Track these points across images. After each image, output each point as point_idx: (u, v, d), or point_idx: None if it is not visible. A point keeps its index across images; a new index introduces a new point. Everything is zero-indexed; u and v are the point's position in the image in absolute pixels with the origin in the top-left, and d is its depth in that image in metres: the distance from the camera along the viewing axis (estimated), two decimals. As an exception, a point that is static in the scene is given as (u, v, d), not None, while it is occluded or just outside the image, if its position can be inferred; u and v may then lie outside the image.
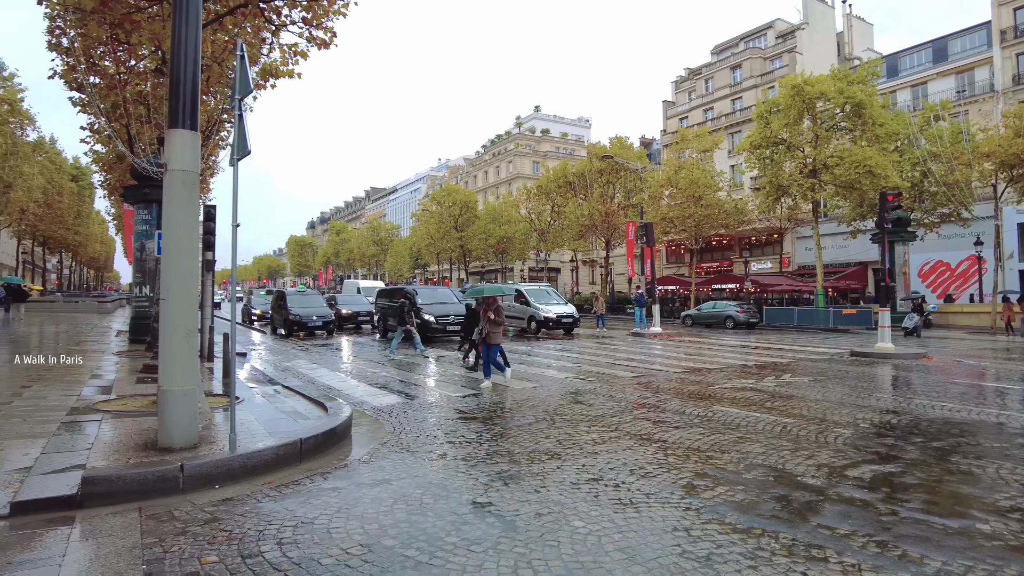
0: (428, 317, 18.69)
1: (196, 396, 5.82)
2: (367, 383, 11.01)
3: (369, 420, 7.83)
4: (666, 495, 4.77)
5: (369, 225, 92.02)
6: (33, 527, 4.10)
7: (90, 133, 21.68)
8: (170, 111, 5.89)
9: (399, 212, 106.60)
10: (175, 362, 5.64)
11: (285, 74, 12.22)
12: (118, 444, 5.82)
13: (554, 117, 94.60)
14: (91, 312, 36.66)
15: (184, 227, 5.76)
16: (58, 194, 50.10)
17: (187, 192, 5.79)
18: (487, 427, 7.28)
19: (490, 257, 60.89)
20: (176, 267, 5.71)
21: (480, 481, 5.09)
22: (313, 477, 5.28)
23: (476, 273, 68.91)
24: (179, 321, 5.66)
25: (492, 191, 75.14)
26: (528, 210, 52.18)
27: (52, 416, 7.11)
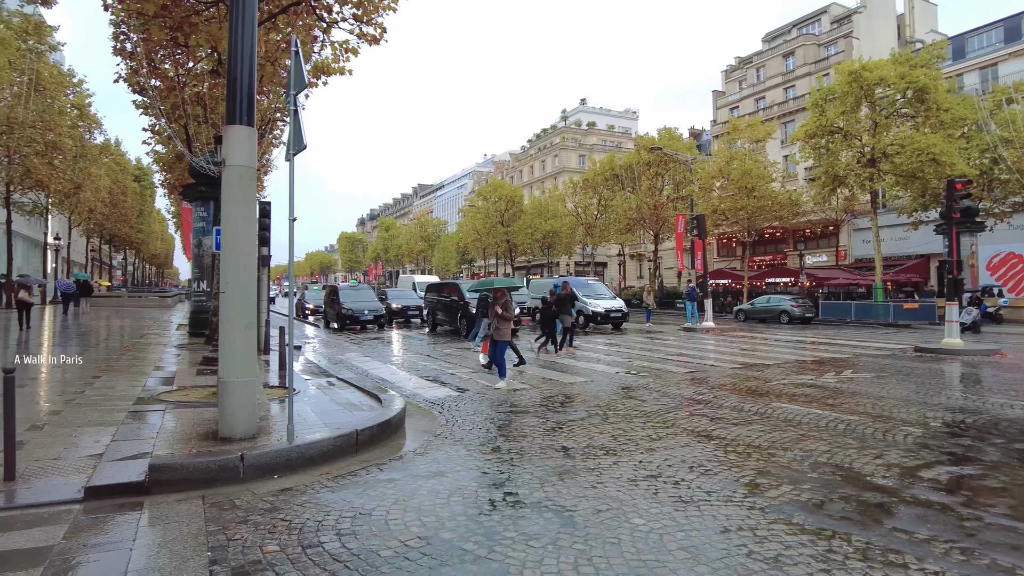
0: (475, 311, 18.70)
1: (255, 387, 5.93)
2: (418, 376, 11.09)
3: (422, 412, 7.86)
4: (728, 493, 4.61)
5: (417, 221, 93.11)
6: (105, 511, 4.23)
7: (151, 134, 22.46)
8: (227, 108, 6.00)
9: (446, 208, 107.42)
10: (235, 354, 5.76)
11: (337, 71, 12.36)
12: (181, 434, 5.98)
13: (600, 109, 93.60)
14: (153, 307, 38.17)
15: (242, 221, 5.87)
16: (122, 194, 52.24)
17: (244, 187, 5.89)
18: (540, 421, 7.21)
19: (536, 252, 60.80)
20: (235, 260, 5.82)
21: (535, 476, 5.03)
22: (369, 468, 5.31)
23: (522, 268, 68.91)
24: (238, 313, 5.77)
25: (538, 185, 74.94)
26: (574, 204, 51.82)
27: (120, 405, 7.38)
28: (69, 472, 4.80)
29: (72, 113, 33.58)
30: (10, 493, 4.41)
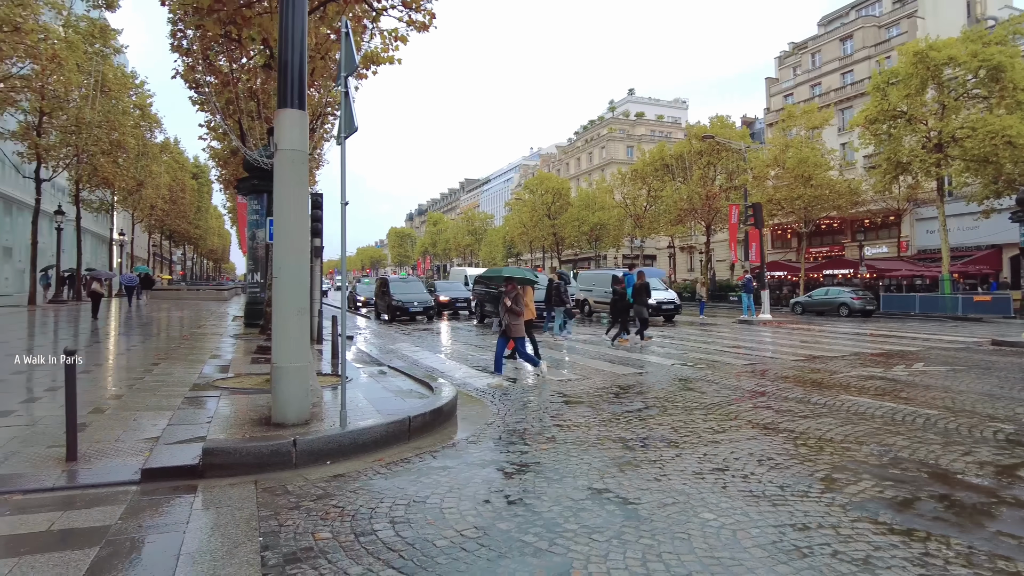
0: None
1: (308, 373, 5.88)
2: (468, 365, 10.98)
3: (473, 401, 7.72)
4: (803, 488, 4.29)
5: (464, 215, 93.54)
6: (161, 493, 4.22)
7: (207, 130, 23.10)
8: (279, 91, 5.95)
9: (492, 202, 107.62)
10: (288, 339, 5.71)
11: (386, 60, 12.33)
12: (234, 419, 5.99)
13: (649, 99, 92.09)
14: (210, 299, 39.35)
15: (294, 205, 5.81)
16: (181, 191, 54.07)
17: (296, 171, 5.83)
18: (595, 412, 6.97)
19: (583, 244, 60.26)
20: (287, 245, 5.77)
21: (594, 467, 4.80)
22: (422, 455, 5.18)
23: (569, 261, 68.46)
24: (291, 298, 5.73)
25: (585, 178, 74.22)
26: (623, 195, 51.05)
27: (177, 391, 7.48)
28: (127, 454, 4.82)
29: (135, 113, 34.80)
30: (72, 473, 4.44)
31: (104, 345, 12.93)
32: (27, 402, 6.60)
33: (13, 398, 6.85)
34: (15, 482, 4.27)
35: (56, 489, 4.21)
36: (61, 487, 4.24)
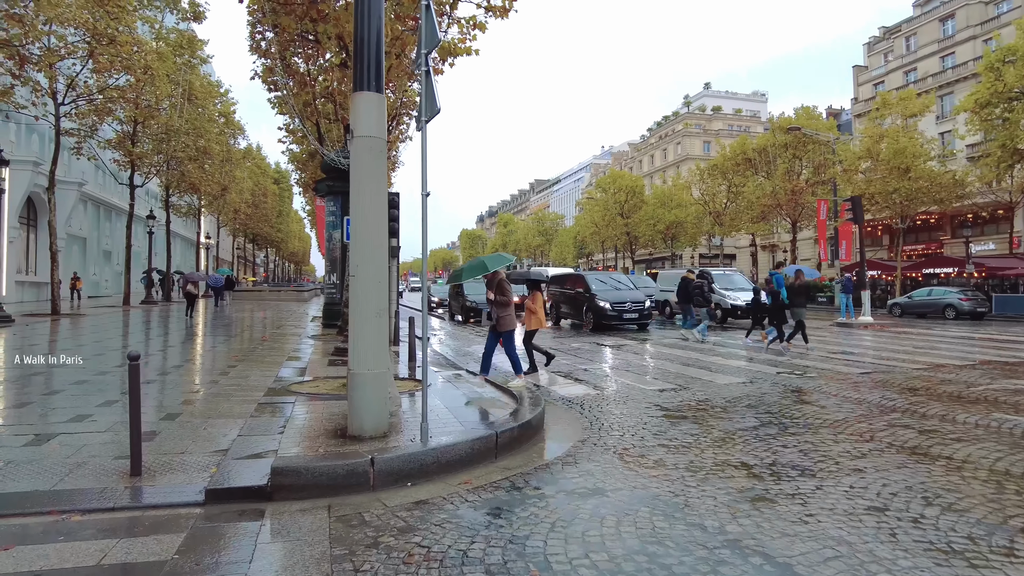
0: (603, 304, 17.70)
1: (387, 380, 5.37)
2: (550, 370, 10.30)
3: (560, 412, 7.04)
4: (1004, 543, 3.37)
5: (534, 216, 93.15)
6: (225, 519, 3.75)
7: (286, 133, 23.45)
8: (355, 74, 5.45)
9: (563, 202, 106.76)
10: (365, 343, 5.21)
11: (463, 51, 11.85)
12: (308, 429, 5.54)
13: (726, 93, 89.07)
14: (291, 300, 40.37)
15: (371, 197, 5.30)
16: (263, 195, 56.01)
17: (374, 160, 5.32)
18: (702, 428, 6.14)
19: (658, 243, 58.54)
20: (364, 241, 5.27)
21: (720, 501, 4.02)
22: (513, 479, 4.54)
23: (643, 261, 66.74)
24: (369, 299, 5.22)
25: (659, 175, 72.23)
26: (701, 192, 49.09)
27: (251, 396, 7.16)
28: (193, 469, 4.41)
29: (219, 121, 36.06)
30: (135, 491, 4.05)
31: (187, 346, 13.04)
32: (104, 405, 6.40)
33: (93, 400, 6.68)
34: (76, 499, 3.91)
35: (116, 509, 3.82)
36: (122, 507, 3.84)
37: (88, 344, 12.35)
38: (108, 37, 18.46)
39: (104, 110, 21.37)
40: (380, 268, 5.33)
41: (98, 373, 8.58)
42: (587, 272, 24.16)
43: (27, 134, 28.73)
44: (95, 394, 7.00)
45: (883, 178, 32.49)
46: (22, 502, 3.86)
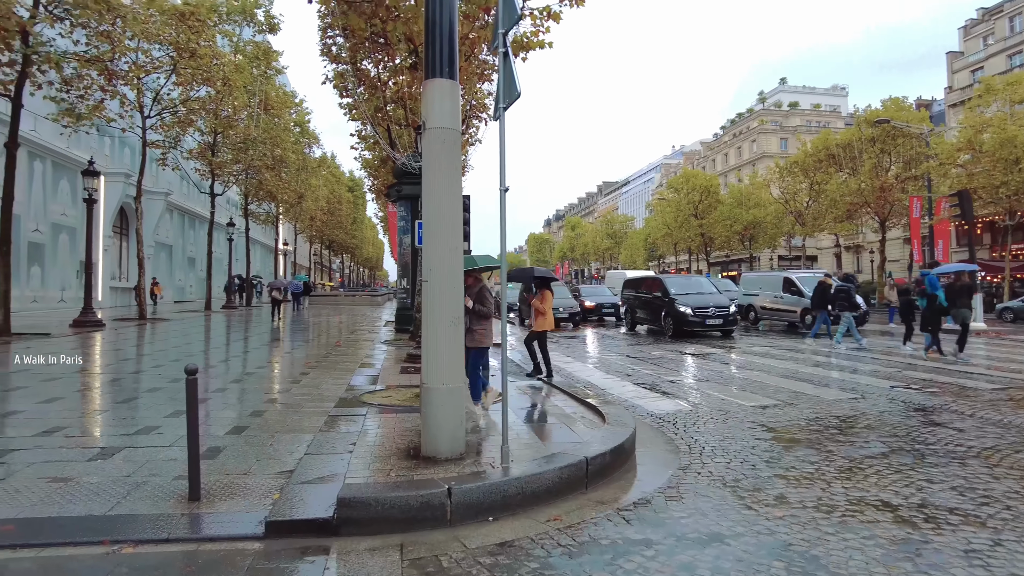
0: (684, 309, 16.75)
1: (463, 395, 4.85)
2: (632, 382, 9.58)
3: (651, 432, 6.34)
4: None
5: (603, 218, 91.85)
6: (286, 557, 3.30)
7: (358, 139, 23.62)
8: (426, 61, 4.98)
9: (632, 204, 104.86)
10: (439, 355, 4.71)
11: (536, 45, 11.34)
12: (379, 447, 5.09)
13: (803, 88, 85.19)
14: (365, 305, 40.97)
15: (445, 194, 4.80)
16: (338, 203, 57.37)
17: (447, 153, 4.82)
18: (823, 456, 5.31)
19: (735, 245, 56.27)
20: (438, 242, 4.77)
21: (870, 556, 3.25)
22: (611, 517, 3.91)
23: (719, 263, 64.45)
24: (443, 305, 4.72)
25: (736, 173, 69.64)
26: (781, 190, 46.76)
27: (322, 407, 6.83)
28: (255, 494, 4.02)
29: (295, 130, 37.00)
30: (193, 519, 3.68)
31: (263, 351, 13.05)
32: (173, 416, 6.18)
33: (163, 411, 6.49)
34: (130, 528, 3.56)
35: (171, 541, 3.44)
36: (176, 538, 3.46)
37: (167, 349, 12.53)
38: (189, 51, 19.00)
39: (186, 121, 22.09)
40: (454, 272, 4.83)
41: (172, 380, 8.49)
42: (665, 275, 23.19)
43: (119, 148, 30.23)
44: (166, 403, 6.83)
45: (987, 171, 29.80)
46: (75, 529, 3.54)
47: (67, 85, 14.93)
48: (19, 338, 13.57)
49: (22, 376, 8.67)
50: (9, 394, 7.28)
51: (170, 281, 37.33)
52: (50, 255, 24.39)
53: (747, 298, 22.46)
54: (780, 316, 20.59)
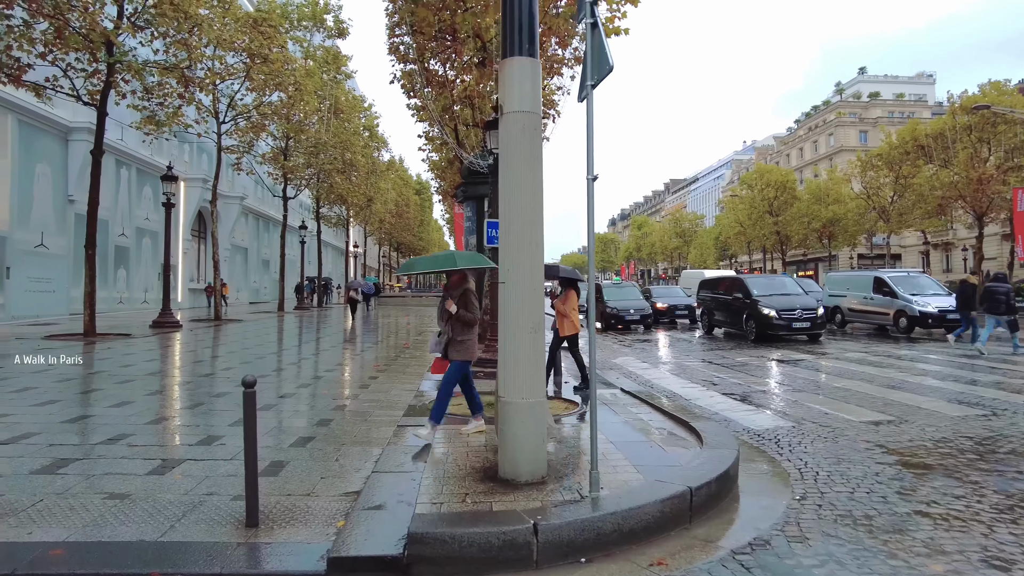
0: (768, 311, 15.69)
1: (545, 411, 4.34)
2: (720, 392, 8.82)
3: (752, 451, 5.63)
4: None
5: (671, 217, 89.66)
6: (351, 602, 2.87)
7: (425, 140, 23.51)
8: (504, 38, 4.49)
9: (700, 202, 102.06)
10: (517, 365, 4.21)
11: (612, 32, 10.71)
12: (452, 466, 4.64)
13: (885, 77, 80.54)
14: (432, 306, 41.11)
15: (525, 184, 4.29)
16: (406, 205, 58.13)
17: (527, 139, 4.31)
18: (966, 487, 4.50)
19: (812, 243, 53.55)
20: (517, 238, 4.27)
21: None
22: (725, 562, 3.29)
23: (794, 262, 61.56)
24: (522, 311, 4.22)
25: (814, 167, 66.59)
26: (864, 185, 44.07)
27: (391, 416, 6.46)
28: (317, 520, 3.62)
29: (364, 134, 37.50)
30: (250, 550, 3.30)
31: (332, 353, 12.95)
32: (237, 425, 5.91)
33: (228, 418, 6.27)
34: (180, 558, 3.21)
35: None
36: (230, 574, 3.09)
37: (238, 351, 12.58)
38: (262, 56, 19.31)
39: (259, 126, 22.54)
40: (535, 272, 4.31)
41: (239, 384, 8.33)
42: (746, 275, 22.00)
43: (198, 154, 31.34)
44: (232, 409, 6.61)
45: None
46: (125, 557, 3.22)
47: (148, 93, 15.33)
48: (103, 338, 13.98)
49: (98, 378, 8.74)
50: (85, 396, 7.26)
51: (245, 283, 38.54)
52: (134, 258, 25.45)
53: (832, 299, 21.00)
54: (870, 319, 19.13)
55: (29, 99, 17.43)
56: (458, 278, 5.77)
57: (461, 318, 5.56)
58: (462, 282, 5.76)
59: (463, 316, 5.57)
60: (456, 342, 5.60)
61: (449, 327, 5.61)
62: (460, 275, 5.77)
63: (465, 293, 5.69)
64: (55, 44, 13.47)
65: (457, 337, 5.60)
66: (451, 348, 5.61)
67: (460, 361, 5.63)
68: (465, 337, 5.64)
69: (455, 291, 5.68)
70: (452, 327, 5.59)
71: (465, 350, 5.63)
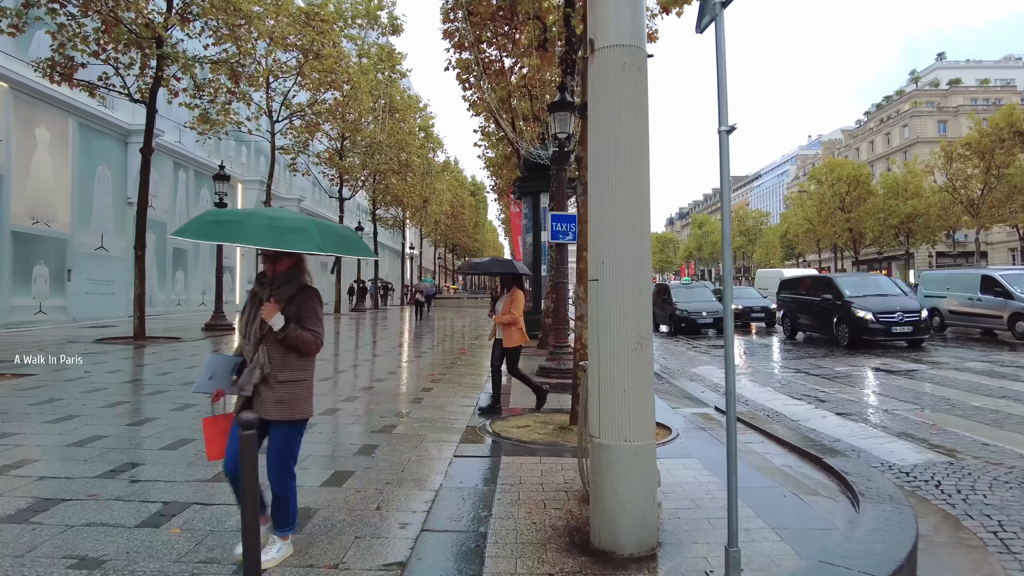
0: (863, 314, 13.97)
1: (653, 458, 3.18)
2: (831, 410, 7.42)
3: (916, 504, 4.32)
4: None
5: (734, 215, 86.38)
6: None
7: (482, 136, 22.61)
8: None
9: (764, 199, 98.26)
10: (617, 395, 3.07)
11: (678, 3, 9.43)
12: (524, 521, 3.54)
13: (966, 63, 75.30)
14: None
15: (626, 146, 3.14)
16: (461, 207, 57.71)
17: (630, 83, 3.16)
18: None
19: (888, 240, 50.14)
20: (614, 219, 3.13)
21: None
22: None
23: (868, 261, 57.96)
24: (623, 319, 3.08)
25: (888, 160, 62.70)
26: (948, 177, 40.78)
27: (445, 441, 5.43)
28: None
29: (419, 135, 36.98)
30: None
31: (385, 359, 12.11)
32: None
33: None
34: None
35: None
36: None
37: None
38: (314, 52, 18.78)
39: (314, 125, 22.09)
40: (641, 266, 3.17)
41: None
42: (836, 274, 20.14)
43: (255, 156, 31.41)
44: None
45: None
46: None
47: (199, 90, 14.89)
48: (153, 341, 13.57)
49: (129, 388, 8.06)
50: (107, 411, 6.50)
51: (303, 285, 38.53)
52: (192, 260, 25.48)
53: (928, 300, 18.92)
54: (977, 322, 17.06)
55: (90, 103, 17.39)
56: (288, 265, 3.11)
57: (291, 340, 2.97)
58: (294, 272, 3.13)
59: (295, 338, 2.97)
60: (277, 384, 2.97)
61: (264, 354, 2.98)
62: (292, 261, 3.13)
63: (305, 294, 3.11)
64: (106, 41, 13.14)
65: (279, 374, 2.98)
66: (264, 394, 2.97)
67: (288, 425, 3.05)
68: (293, 376, 3.02)
69: (283, 287, 3.07)
70: (270, 354, 2.98)
71: (294, 402, 3.03)
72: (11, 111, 16.08)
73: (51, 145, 17.53)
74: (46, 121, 17.43)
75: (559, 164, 11.24)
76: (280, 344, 2.99)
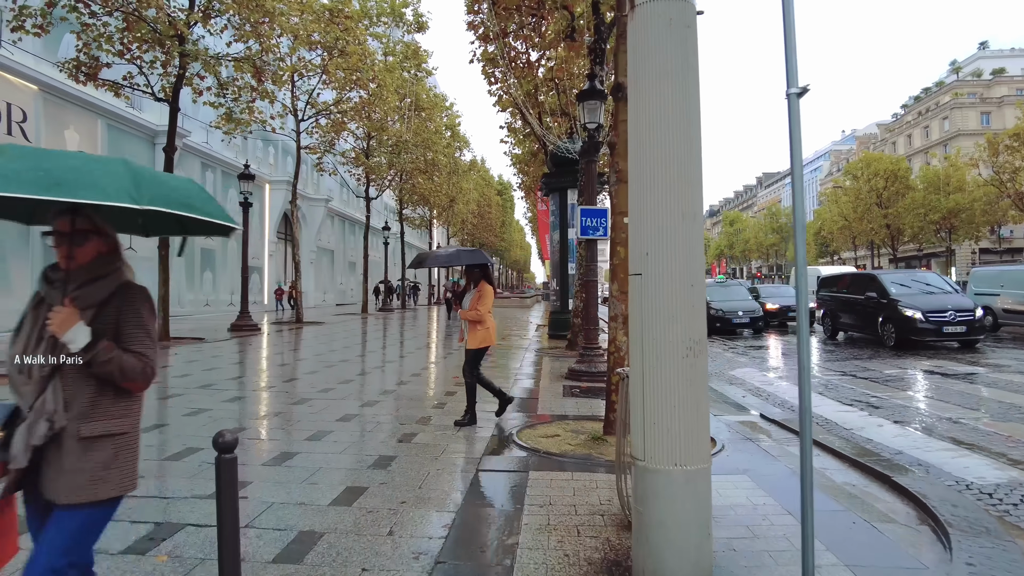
0: (911, 313, 13.18)
1: (708, 484, 2.71)
2: (887, 418, 6.80)
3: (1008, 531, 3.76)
4: None
5: (767, 212, 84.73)
6: None
7: (508, 132, 22.19)
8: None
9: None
10: (664, 410, 2.61)
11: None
12: (555, 553, 3.09)
13: (1011, 51, 72.43)
14: (514, 306, 39.91)
15: (674, 117, 2.66)
16: (488, 206, 57.36)
17: (678, 43, 2.69)
18: None
19: (928, 237, 48.38)
20: (660, 203, 2.67)
21: None
22: None
23: (906, 258, 56.08)
24: (672, 320, 2.61)
25: (928, 154, 60.71)
26: (995, 170, 39.12)
27: (468, 453, 5.02)
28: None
29: (446, 134, 36.71)
30: None
31: (409, 360, 11.75)
32: (272, 464, 4.67)
33: (267, 453, 5.02)
34: None
35: None
36: None
37: (308, 358, 11.53)
38: (339, 50, 18.56)
39: (339, 124, 21.90)
40: (692, 256, 2.70)
41: (295, 402, 7.17)
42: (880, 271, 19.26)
43: (283, 157, 31.45)
44: (279, 439, 5.36)
45: None
46: None
47: (223, 89, 14.73)
48: (177, 343, 13.43)
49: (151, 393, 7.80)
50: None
51: (332, 285, 38.65)
52: (220, 260, 25.53)
53: (979, 298, 17.94)
54: (1031, 320, 16.13)
55: (118, 104, 17.42)
56: (95, 250, 2.00)
57: (104, 368, 1.88)
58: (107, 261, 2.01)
59: (110, 365, 1.88)
60: (78, 444, 1.88)
61: (58, 395, 1.86)
62: (104, 244, 2.02)
63: (127, 295, 2.00)
64: (130, 40, 13.04)
65: (82, 426, 1.89)
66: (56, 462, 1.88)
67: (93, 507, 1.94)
68: (107, 428, 1.94)
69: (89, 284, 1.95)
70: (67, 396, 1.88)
71: (105, 473, 1.94)
72: (40, 113, 16.16)
73: (80, 146, 17.58)
74: (75, 123, 17.50)
75: (588, 156, 10.79)
76: (85, 378, 1.88)
